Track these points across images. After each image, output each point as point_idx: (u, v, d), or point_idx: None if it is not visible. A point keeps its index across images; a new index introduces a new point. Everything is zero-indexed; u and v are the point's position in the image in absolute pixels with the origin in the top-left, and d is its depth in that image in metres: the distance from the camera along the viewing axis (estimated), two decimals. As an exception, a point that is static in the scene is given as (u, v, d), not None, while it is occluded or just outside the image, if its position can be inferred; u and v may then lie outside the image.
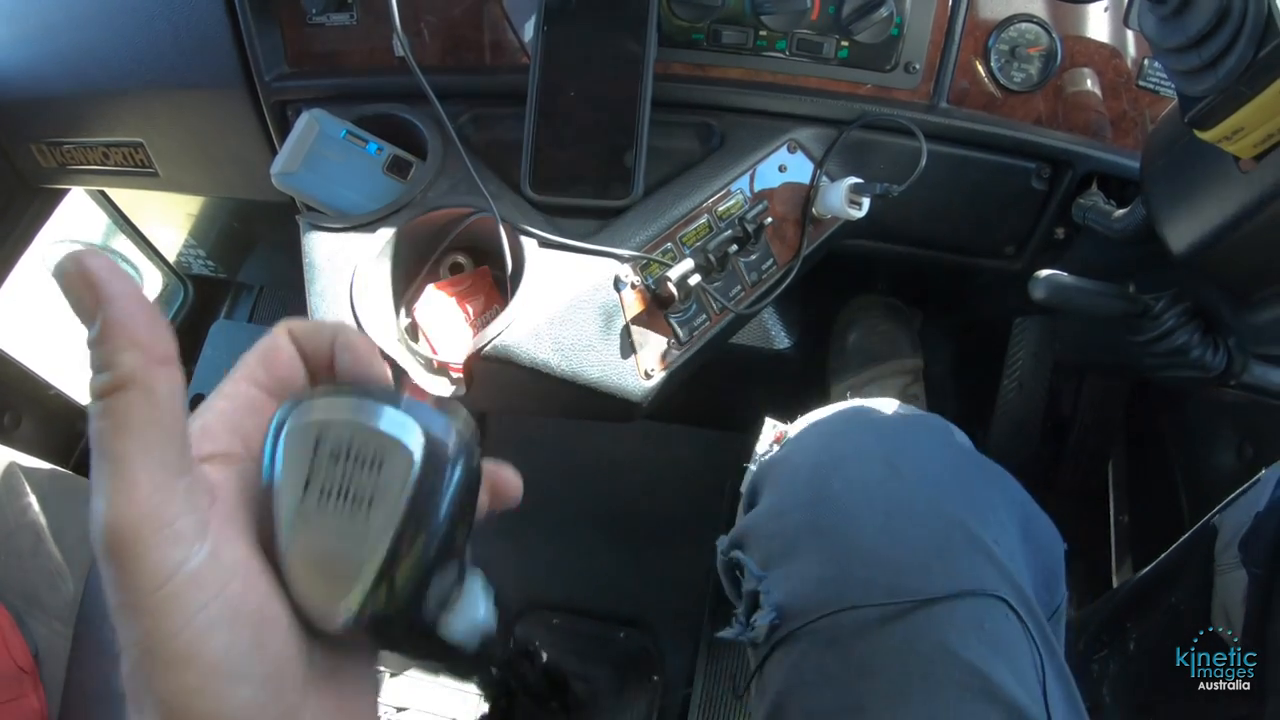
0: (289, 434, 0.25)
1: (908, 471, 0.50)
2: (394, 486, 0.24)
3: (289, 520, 0.25)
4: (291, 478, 0.25)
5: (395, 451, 0.24)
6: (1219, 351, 0.60)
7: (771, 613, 0.47)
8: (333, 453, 0.25)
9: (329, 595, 0.24)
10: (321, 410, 0.25)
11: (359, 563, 0.24)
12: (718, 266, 0.67)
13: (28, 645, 0.81)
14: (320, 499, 0.24)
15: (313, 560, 0.24)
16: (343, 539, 0.24)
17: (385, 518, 0.24)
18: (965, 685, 0.42)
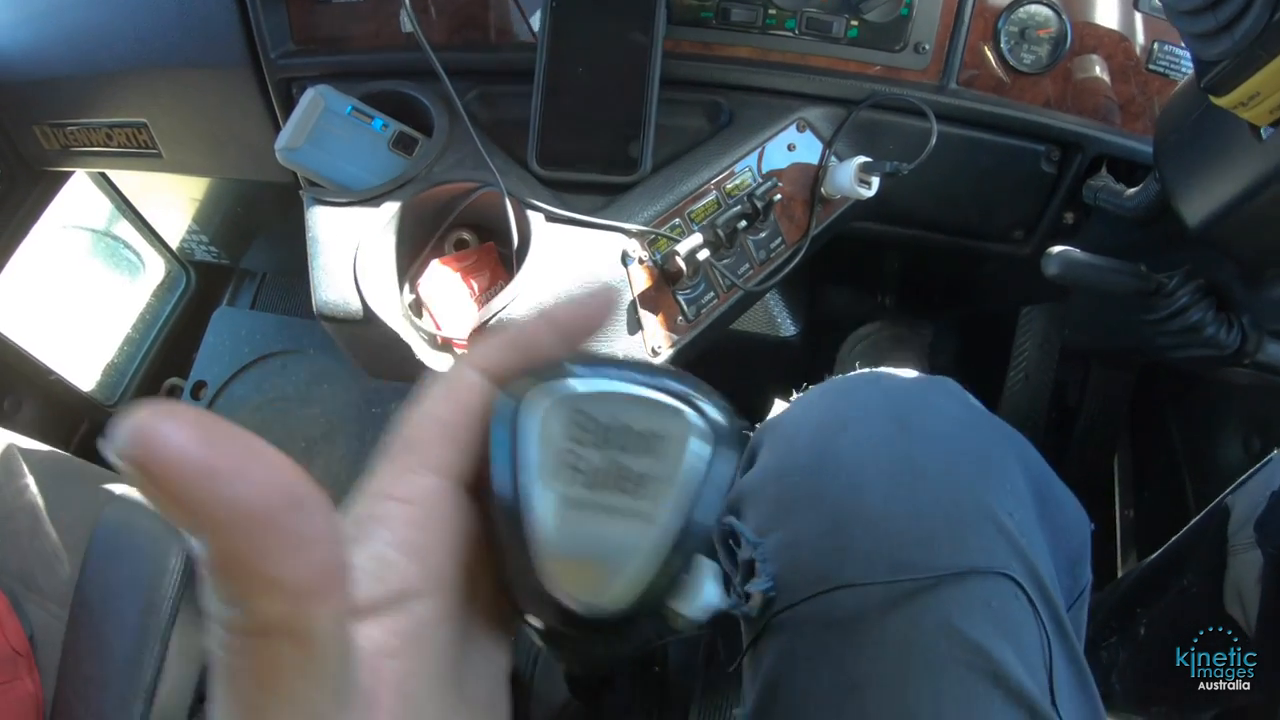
0: (540, 412, 0.22)
1: (918, 430, 0.47)
2: (675, 459, 0.22)
3: (549, 505, 0.22)
4: (547, 461, 0.22)
5: (673, 423, 0.22)
6: (1233, 329, 0.59)
7: (768, 582, 0.44)
8: (598, 430, 0.22)
9: (606, 591, 0.22)
10: (578, 393, 0.22)
11: (646, 549, 0.22)
12: (726, 243, 0.66)
13: (23, 628, 0.80)
14: (587, 481, 0.22)
15: (580, 549, 0.22)
16: (619, 524, 0.22)
17: (671, 497, 0.22)
18: (969, 665, 0.40)
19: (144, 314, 1.32)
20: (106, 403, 1.26)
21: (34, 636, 0.80)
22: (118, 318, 1.29)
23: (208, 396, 1.25)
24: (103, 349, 1.27)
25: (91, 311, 1.25)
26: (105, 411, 1.25)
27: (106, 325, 1.28)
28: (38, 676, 0.80)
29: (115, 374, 1.28)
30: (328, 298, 0.65)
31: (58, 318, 1.19)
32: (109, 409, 1.26)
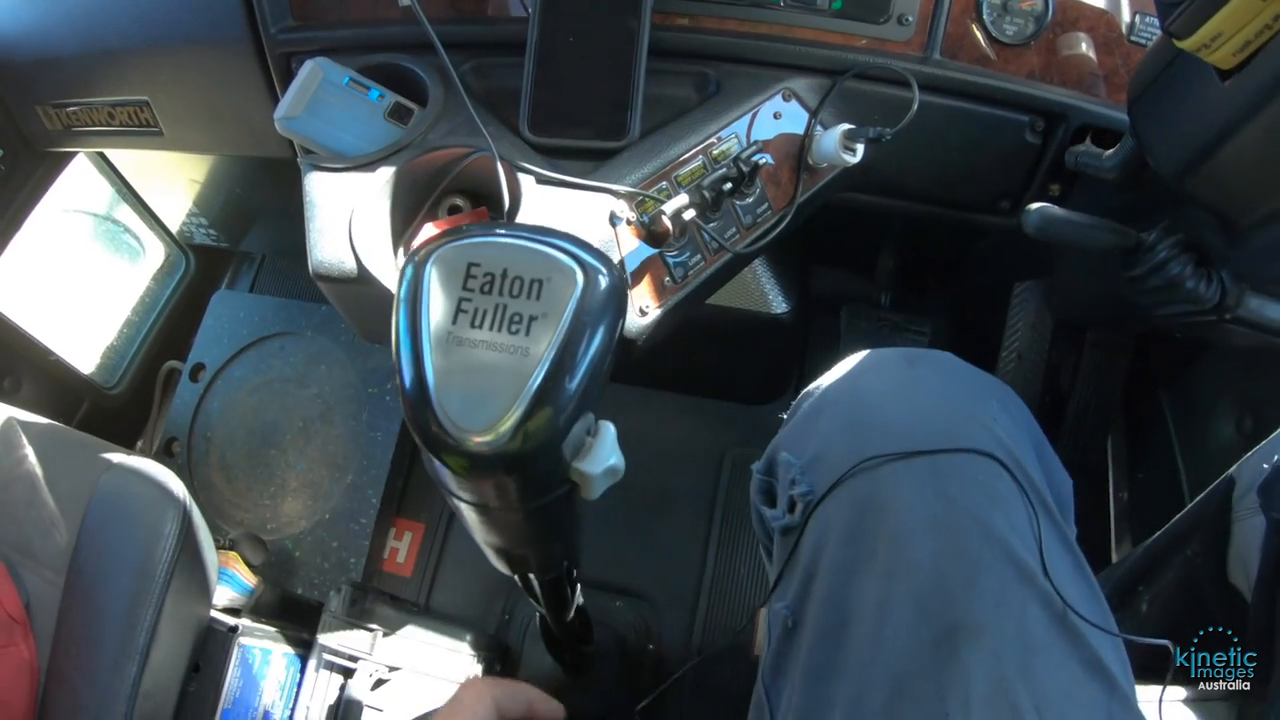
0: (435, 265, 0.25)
1: (922, 365, 0.57)
2: (557, 302, 0.24)
3: (439, 342, 0.24)
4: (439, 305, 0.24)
5: (559, 274, 0.24)
6: (1213, 283, 0.60)
7: (806, 486, 0.53)
8: (486, 279, 0.24)
9: (484, 416, 0.24)
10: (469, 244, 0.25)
11: (522, 377, 0.24)
12: (712, 205, 0.67)
13: (19, 595, 0.81)
14: (473, 320, 0.24)
15: (467, 381, 0.24)
16: (500, 356, 0.24)
17: (549, 334, 0.24)
18: (966, 530, 0.47)
19: (143, 297, 1.33)
20: (106, 384, 1.27)
21: (30, 603, 0.81)
22: (117, 300, 1.31)
23: (206, 378, 1.26)
24: (102, 331, 1.29)
25: (92, 294, 1.26)
26: (104, 393, 1.27)
27: (106, 308, 1.29)
28: (33, 643, 0.80)
29: (115, 356, 1.30)
30: (323, 258, 0.67)
31: (58, 300, 1.21)
32: (108, 390, 1.27)
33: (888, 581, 0.47)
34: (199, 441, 1.24)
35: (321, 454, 1.20)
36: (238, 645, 0.87)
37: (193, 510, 0.83)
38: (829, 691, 0.47)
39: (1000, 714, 0.42)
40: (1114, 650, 0.48)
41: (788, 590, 0.54)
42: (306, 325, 1.26)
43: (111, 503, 0.81)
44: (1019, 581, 0.46)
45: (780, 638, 0.53)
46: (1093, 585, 0.50)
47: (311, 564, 1.14)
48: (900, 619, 0.46)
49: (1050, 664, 0.45)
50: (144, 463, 0.84)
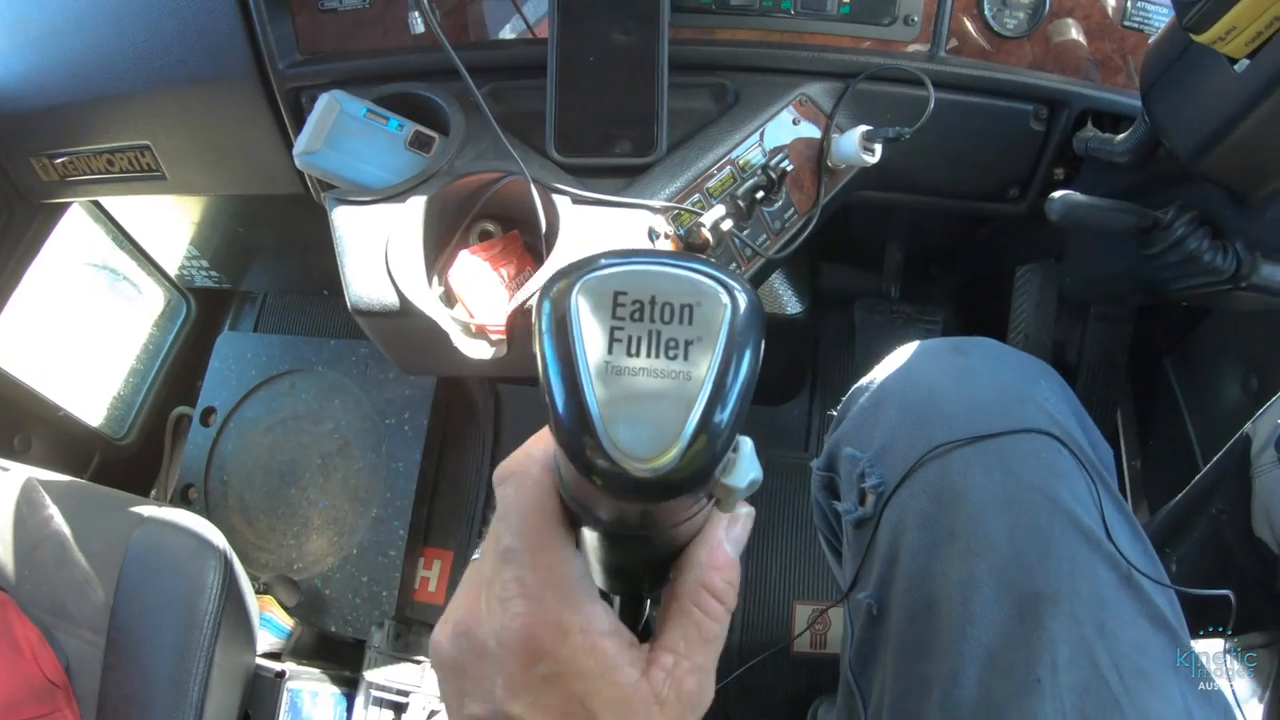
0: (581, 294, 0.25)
1: (971, 351, 0.59)
2: (712, 326, 0.24)
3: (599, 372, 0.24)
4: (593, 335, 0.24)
5: (707, 298, 0.24)
6: (1228, 255, 0.63)
7: (877, 479, 0.55)
8: (635, 306, 0.25)
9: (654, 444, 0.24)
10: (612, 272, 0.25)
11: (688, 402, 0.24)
12: (745, 213, 0.68)
13: (58, 658, 0.79)
14: (629, 349, 0.24)
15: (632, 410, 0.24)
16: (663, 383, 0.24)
17: (708, 357, 0.24)
18: (1033, 504, 0.49)
19: (146, 345, 1.31)
20: (115, 436, 1.25)
21: (70, 666, 0.79)
22: (120, 350, 1.28)
23: (217, 422, 1.24)
24: (108, 382, 1.26)
25: (94, 345, 1.24)
26: (115, 445, 1.24)
27: (110, 358, 1.27)
28: (77, 707, 0.79)
29: (122, 406, 1.27)
30: (362, 292, 0.66)
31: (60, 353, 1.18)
32: (118, 441, 1.25)
33: (969, 560, 0.49)
34: (216, 486, 1.22)
35: (343, 489, 1.19)
36: (286, 690, 0.86)
37: (232, 558, 0.82)
38: (923, 670, 0.49)
39: (1084, 673, 0.45)
40: (1171, 606, 0.51)
41: (868, 580, 0.56)
42: (316, 361, 1.25)
43: (148, 557, 0.80)
44: (1087, 548, 0.49)
45: (864, 626, 0.55)
46: (1147, 545, 0.53)
47: (343, 600, 1.12)
48: (985, 594, 0.48)
49: (1122, 622, 0.48)
50: (177, 514, 0.83)
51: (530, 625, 0.29)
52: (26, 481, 0.85)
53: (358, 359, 1.23)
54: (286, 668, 0.86)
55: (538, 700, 0.29)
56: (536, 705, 0.29)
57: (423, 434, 1.18)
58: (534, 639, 0.28)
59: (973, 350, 0.60)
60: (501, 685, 0.29)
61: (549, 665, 0.28)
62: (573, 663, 0.28)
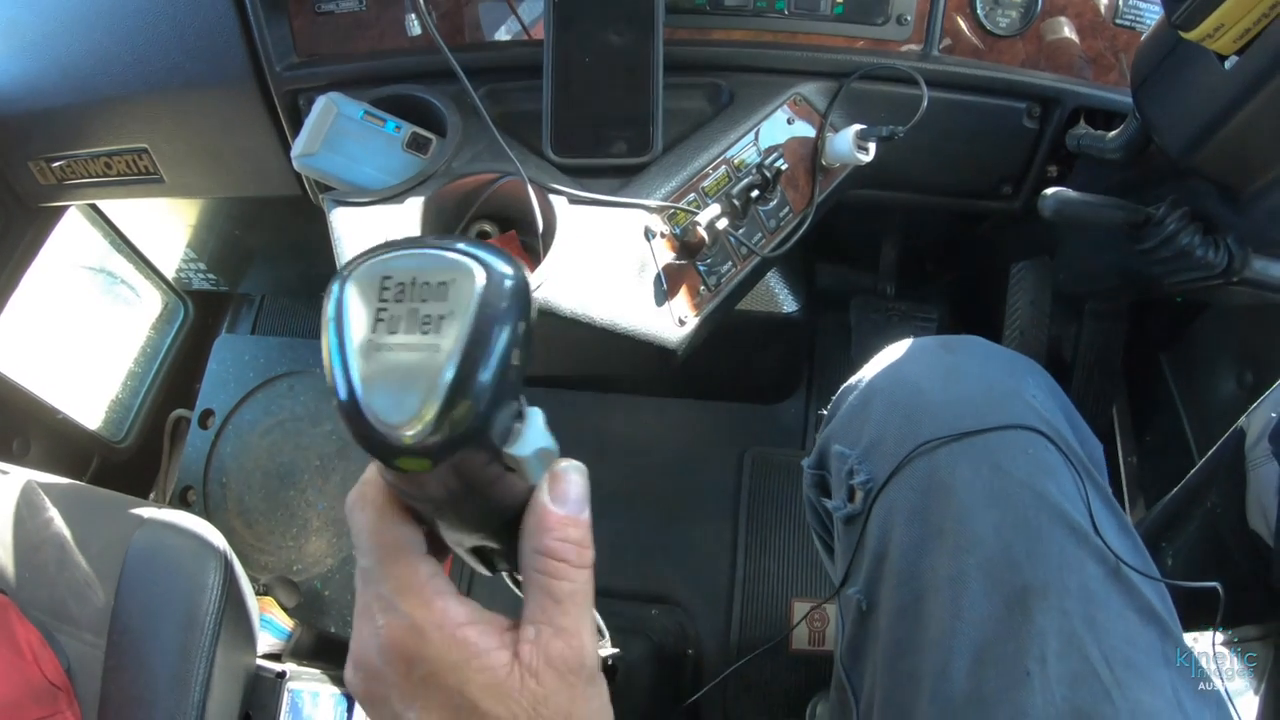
0: (354, 283, 0.27)
1: (959, 350, 0.60)
2: (461, 301, 0.26)
3: (361, 350, 0.26)
4: (359, 318, 0.27)
5: (460, 273, 0.26)
6: (1220, 249, 0.63)
7: (865, 475, 0.55)
8: (398, 288, 0.27)
9: (406, 411, 0.26)
10: (380, 259, 0.27)
11: (435, 371, 0.26)
12: (740, 213, 0.69)
13: (59, 661, 0.79)
14: (390, 328, 0.26)
15: (387, 381, 0.26)
16: (416, 355, 0.26)
17: (455, 329, 0.26)
18: (1021, 499, 0.50)
19: (144, 347, 1.31)
20: (114, 439, 1.25)
21: (71, 668, 0.79)
22: (118, 353, 1.28)
23: (216, 424, 1.24)
24: (106, 385, 1.26)
25: (92, 348, 1.24)
26: (114, 448, 1.24)
27: (108, 361, 1.27)
28: (78, 709, 0.78)
29: (120, 409, 1.27)
30: (360, 294, 0.67)
31: (59, 356, 1.18)
32: (117, 444, 1.25)
33: (957, 556, 0.50)
34: (215, 488, 1.22)
35: (341, 490, 1.19)
36: (287, 690, 0.86)
37: (232, 559, 0.82)
38: (913, 665, 0.50)
39: (1074, 665, 0.46)
40: (1161, 599, 0.51)
41: (857, 576, 0.56)
42: (314, 362, 1.25)
43: (148, 558, 0.80)
44: (1075, 542, 0.49)
45: (855, 621, 0.56)
46: (1136, 540, 0.53)
47: (342, 601, 1.13)
48: (974, 589, 0.49)
49: (1111, 615, 0.48)
50: (177, 515, 0.83)
51: (394, 634, 0.30)
52: (26, 484, 0.85)
53: (355, 360, 1.23)
54: (287, 668, 0.86)
55: (427, 702, 0.30)
56: (427, 707, 0.30)
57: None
58: (401, 646, 0.30)
59: (961, 348, 0.60)
60: (395, 698, 0.31)
61: (421, 666, 0.30)
62: (440, 659, 0.30)
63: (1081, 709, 0.45)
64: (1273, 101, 0.52)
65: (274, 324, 1.38)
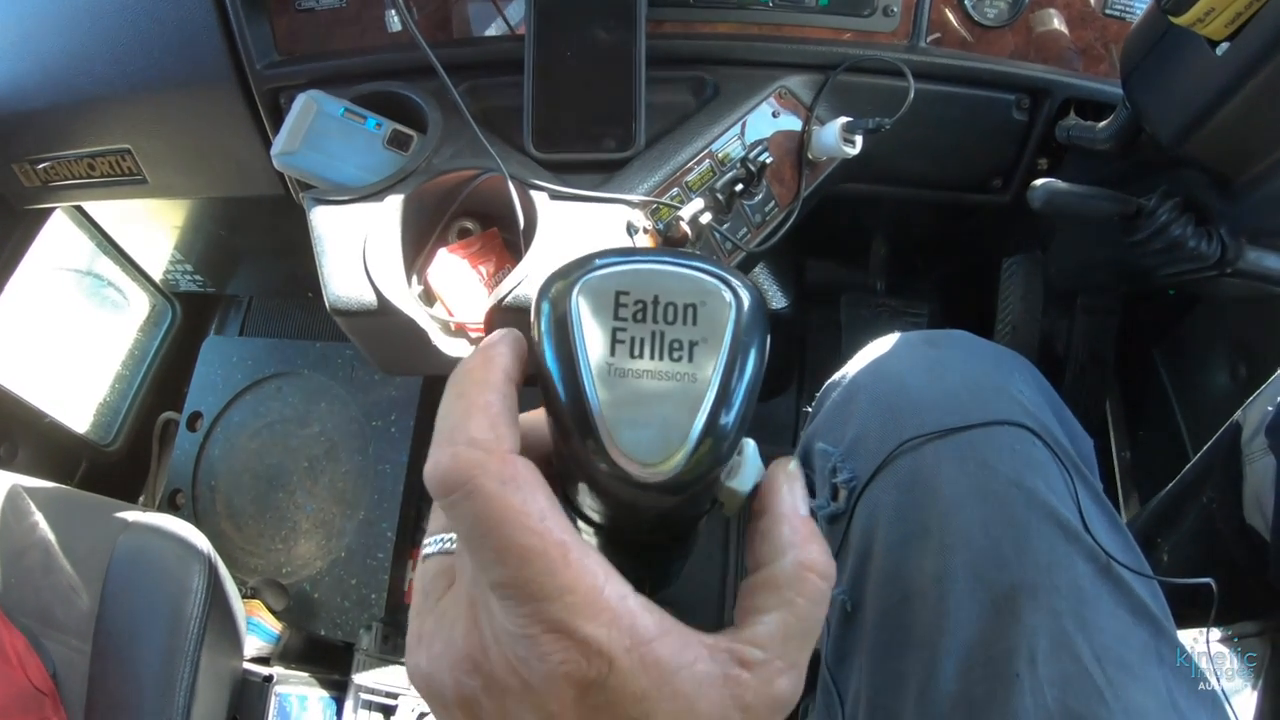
0: (582, 294, 0.24)
1: (945, 345, 0.59)
2: (716, 327, 0.24)
3: (600, 375, 0.23)
4: (594, 337, 0.24)
5: (710, 295, 0.24)
6: (1213, 240, 0.62)
7: (849, 473, 0.54)
8: (638, 306, 0.24)
9: (662, 447, 0.23)
10: (614, 271, 0.24)
11: (694, 404, 0.23)
12: (725, 207, 0.68)
13: (45, 666, 0.79)
14: (633, 351, 0.24)
15: (637, 414, 0.23)
16: (667, 385, 0.23)
17: (712, 358, 0.24)
18: (1008, 497, 0.49)
19: (132, 350, 1.30)
20: (102, 442, 1.24)
21: (57, 673, 0.79)
22: (106, 356, 1.28)
23: (204, 427, 1.24)
24: (93, 388, 1.25)
25: (79, 351, 1.23)
26: (102, 451, 1.23)
27: (95, 364, 1.26)
28: (64, 713, 0.78)
29: (109, 413, 1.27)
30: (340, 292, 0.66)
31: (46, 360, 1.17)
32: (105, 448, 1.24)
33: (943, 555, 0.48)
34: (204, 491, 1.21)
35: (330, 492, 1.18)
36: (274, 694, 0.85)
37: (217, 562, 0.81)
38: (899, 666, 0.49)
39: (1065, 666, 0.45)
40: (1154, 597, 0.50)
41: (842, 576, 0.55)
42: (302, 364, 1.25)
43: (133, 562, 0.80)
44: (1065, 540, 0.48)
45: (840, 622, 0.55)
46: (1127, 536, 0.52)
47: (332, 604, 1.12)
48: (961, 588, 0.47)
49: (1102, 613, 0.47)
50: (161, 518, 0.82)
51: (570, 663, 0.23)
52: (11, 489, 0.85)
53: (344, 361, 1.23)
54: (274, 671, 0.86)
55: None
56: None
57: (409, 435, 1.18)
58: (579, 677, 0.23)
59: (946, 343, 0.59)
60: None
61: (596, 697, 0.24)
62: (623, 688, 0.23)
63: (1073, 710, 0.44)
64: (1266, 88, 0.51)
65: (262, 325, 1.37)
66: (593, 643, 0.23)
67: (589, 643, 0.23)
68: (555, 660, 0.23)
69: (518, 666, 0.24)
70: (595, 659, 0.23)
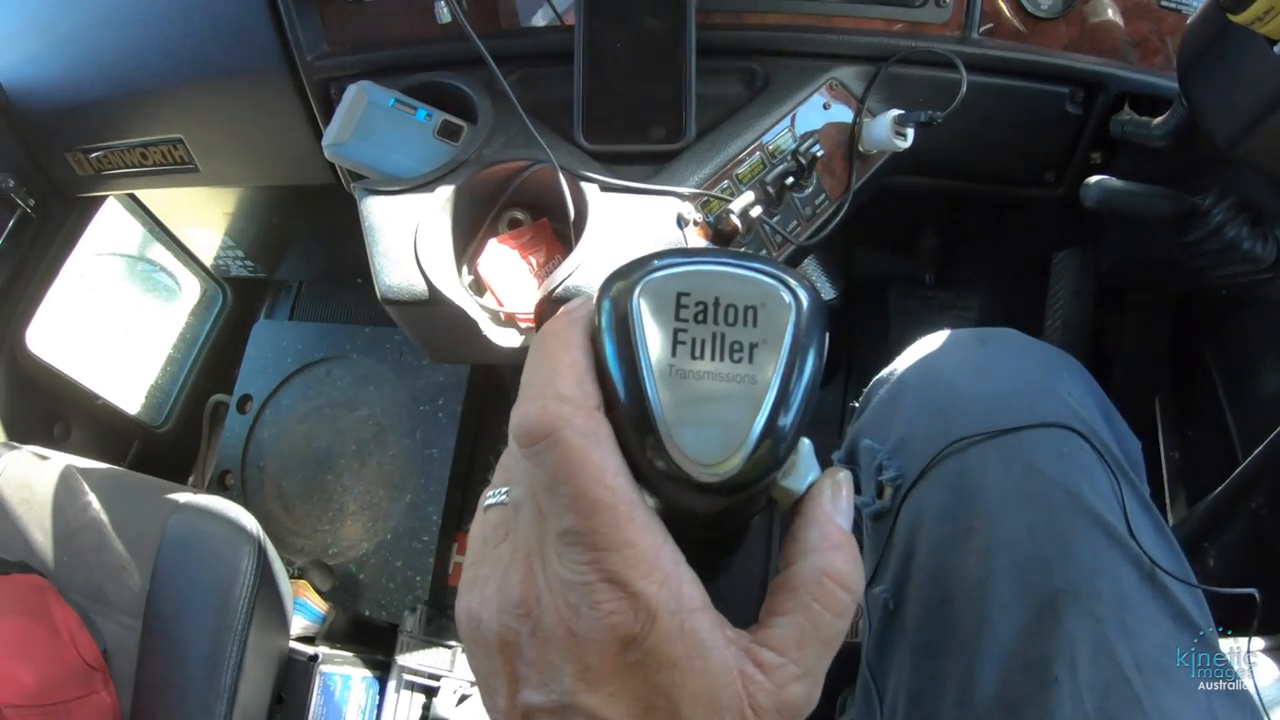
0: (643, 295, 0.24)
1: (994, 343, 0.58)
2: (776, 329, 0.24)
3: (663, 375, 0.24)
4: (655, 337, 0.24)
5: (771, 297, 0.24)
6: (1268, 243, 0.61)
7: (894, 471, 0.54)
8: (698, 308, 0.24)
9: (722, 448, 0.24)
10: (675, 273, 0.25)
11: (754, 406, 0.24)
12: (775, 200, 0.68)
13: (96, 643, 0.81)
14: (694, 352, 0.24)
15: (699, 414, 0.24)
16: (728, 386, 0.24)
17: (772, 360, 0.24)
18: (1054, 500, 0.48)
19: (183, 334, 1.33)
20: (154, 423, 1.27)
21: (107, 650, 0.81)
22: (158, 339, 1.31)
23: (254, 409, 1.26)
24: (146, 371, 1.29)
25: (132, 335, 1.26)
26: (153, 432, 1.27)
27: (148, 347, 1.29)
28: (114, 689, 0.80)
29: (160, 395, 1.30)
30: (391, 282, 0.67)
31: (99, 343, 1.21)
32: (156, 429, 1.27)
33: (987, 557, 0.48)
34: (253, 472, 1.24)
35: (378, 475, 1.20)
36: (319, 673, 0.87)
37: (266, 543, 0.83)
38: (939, 667, 0.49)
39: (1105, 672, 0.44)
40: (1197, 605, 0.49)
41: (885, 574, 0.55)
42: (351, 348, 1.26)
43: (183, 542, 0.82)
44: (1109, 545, 0.48)
45: (881, 620, 0.55)
46: (1173, 543, 0.51)
47: (377, 585, 1.14)
48: (1003, 591, 0.47)
49: (1145, 621, 0.46)
50: (212, 500, 0.84)
51: (616, 614, 0.24)
52: (65, 469, 0.87)
53: (392, 346, 1.25)
54: (320, 651, 0.88)
55: (619, 691, 0.25)
56: (616, 697, 0.24)
57: (457, 420, 1.19)
58: (623, 629, 0.24)
59: (995, 341, 0.59)
60: (572, 675, 0.25)
61: (633, 654, 0.24)
62: (659, 651, 0.24)
63: (1112, 717, 0.43)
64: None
65: (312, 310, 1.39)
66: (642, 598, 0.24)
67: (639, 596, 0.24)
68: (606, 609, 0.24)
69: (566, 615, 0.25)
70: (642, 614, 0.24)
